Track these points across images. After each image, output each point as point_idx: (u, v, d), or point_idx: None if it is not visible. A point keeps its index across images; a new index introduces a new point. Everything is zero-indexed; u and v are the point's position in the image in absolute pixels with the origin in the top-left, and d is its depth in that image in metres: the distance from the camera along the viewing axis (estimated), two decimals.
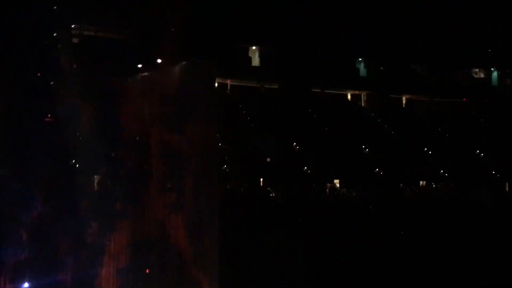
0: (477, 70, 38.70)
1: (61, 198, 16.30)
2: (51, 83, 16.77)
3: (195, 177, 16.85)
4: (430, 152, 32.53)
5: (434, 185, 30.71)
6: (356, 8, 31.70)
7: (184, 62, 17.63)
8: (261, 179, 26.88)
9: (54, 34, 16.47)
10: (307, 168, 28.23)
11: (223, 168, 24.48)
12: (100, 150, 17.47)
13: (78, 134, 17.52)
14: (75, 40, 19.01)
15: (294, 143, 29.60)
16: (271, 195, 26.18)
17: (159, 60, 18.50)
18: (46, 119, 16.65)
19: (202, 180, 16.85)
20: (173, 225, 16.74)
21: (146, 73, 18.24)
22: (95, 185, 17.73)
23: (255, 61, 33.17)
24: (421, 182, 30.66)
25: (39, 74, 16.45)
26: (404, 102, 37.17)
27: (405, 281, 20.92)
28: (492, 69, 38.29)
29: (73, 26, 19.01)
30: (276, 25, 30.61)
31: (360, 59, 35.23)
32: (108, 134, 17.18)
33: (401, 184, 29.08)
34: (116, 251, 16.64)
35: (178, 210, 16.63)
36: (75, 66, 17.39)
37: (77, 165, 17.45)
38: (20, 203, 15.54)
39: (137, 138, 17.68)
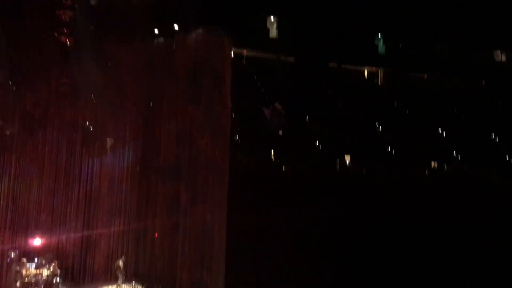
0: (499, 52, 37.83)
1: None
2: (68, 44, 16.84)
3: (207, 148, 16.94)
4: (444, 134, 32.19)
5: (446, 167, 30.48)
6: None
7: (200, 30, 17.50)
8: (272, 152, 26.91)
9: None
10: (318, 143, 28.19)
11: (235, 139, 24.51)
12: (113, 114, 17.64)
13: (93, 97, 17.69)
14: (93, 2, 18.94)
15: (307, 117, 29.50)
16: (282, 168, 26.26)
17: (175, 26, 18.39)
18: (61, 81, 16.81)
19: (213, 151, 16.95)
20: (182, 189, 16.93)
21: (162, 39, 18.19)
22: (108, 148, 17.98)
23: (273, 32, 32.79)
24: (432, 163, 30.44)
25: (56, 35, 16.51)
26: (421, 81, 36.64)
27: (412, 265, 20.90)
28: None
29: None
30: None
31: (379, 35, 34.64)
32: (121, 99, 17.29)
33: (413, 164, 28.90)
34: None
35: (188, 174, 16.78)
36: (91, 28, 17.41)
37: (91, 128, 17.67)
38: None
39: (150, 104, 17.76)
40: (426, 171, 29.29)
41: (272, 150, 27.03)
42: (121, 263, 16.54)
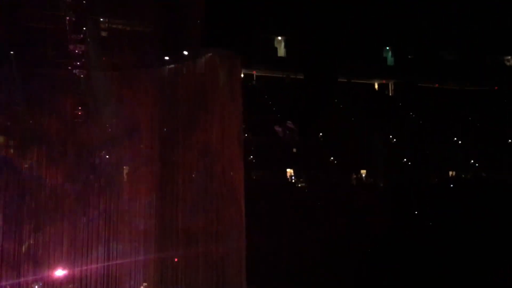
0: (509, 57, 37.59)
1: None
2: (81, 76, 17.17)
3: (221, 168, 17.02)
4: (460, 142, 31.91)
5: (463, 176, 30.16)
6: None
7: (209, 54, 17.72)
8: (288, 170, 26.92)
9: (84, 28, 16.79)
10: (333, 158, 28.12)
11: (249, 158, 24.59)
12: (128, 142, 17.84)
13: (107, 126, 17.94)
14: (103, 34, 19.32)
15: (320, 134, 29.49)
16: (298, 185, 26.23)
17: (185, 52, 18.68)
18: (75, 112, 17.10)
19: (228, 170, 17.01)
20: (200, 215, 16.97)
21: (172, 66, 18.45)
22: (124, 175, 18.13)
23: (281, 51, 33.04)
24: (450, 172, 30.14)
25: (69, 68, 16.86)
26: (432, 90, 36.48)
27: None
28: None
29: (101, 19, 19.31)
30: (301, 14, 30.37)
31: (387, 47, 34.68)
32: (135, 127, 17.51)
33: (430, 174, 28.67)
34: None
35: (205, 200, 16.84)
36: (104, 58, 17.75)
37: (107, 156, 17.87)
38: None
39: (164, 129, 17.94)
40: (444, 179, 29.03)
41: (287, 167, 27.02)
42: None
